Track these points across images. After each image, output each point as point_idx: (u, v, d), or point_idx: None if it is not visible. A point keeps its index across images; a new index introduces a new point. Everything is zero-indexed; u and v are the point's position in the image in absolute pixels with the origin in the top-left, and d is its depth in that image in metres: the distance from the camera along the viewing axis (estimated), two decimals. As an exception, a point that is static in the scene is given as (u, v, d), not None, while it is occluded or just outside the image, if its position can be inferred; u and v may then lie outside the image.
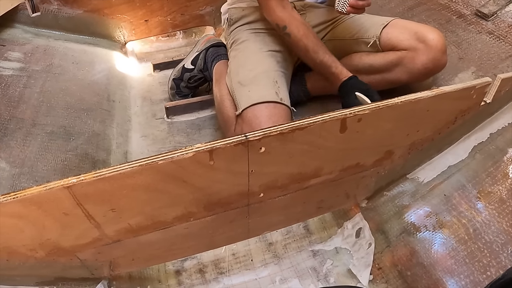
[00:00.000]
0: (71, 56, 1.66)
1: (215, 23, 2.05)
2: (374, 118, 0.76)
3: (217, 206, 0.80)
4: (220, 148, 0.66)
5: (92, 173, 0.62)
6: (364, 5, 1.11)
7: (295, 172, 0.81)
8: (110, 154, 1.34)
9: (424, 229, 0.98)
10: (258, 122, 1.09)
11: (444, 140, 0.98)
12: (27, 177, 1.10)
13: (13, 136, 1.19)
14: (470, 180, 0.98)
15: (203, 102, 1.58)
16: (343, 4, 1.10)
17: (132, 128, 1.54)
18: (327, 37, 1.36)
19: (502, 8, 1.33)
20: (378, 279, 1.00)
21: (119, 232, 0.76)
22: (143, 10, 1.91)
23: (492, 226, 0.89)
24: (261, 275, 1.07)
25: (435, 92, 0.78)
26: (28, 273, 0.79)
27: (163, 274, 1.07)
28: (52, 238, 0.70)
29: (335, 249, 1.10)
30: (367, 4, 1.11)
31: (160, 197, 0.71)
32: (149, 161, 0.63)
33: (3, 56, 1.48)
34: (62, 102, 1.40)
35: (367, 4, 1.11)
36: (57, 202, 0.63)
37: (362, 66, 1.28)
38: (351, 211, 1.13)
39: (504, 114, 1.00)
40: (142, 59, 1.95)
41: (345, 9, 1.11)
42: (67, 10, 1.77)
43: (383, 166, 0.94)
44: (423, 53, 1.16)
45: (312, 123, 0.70)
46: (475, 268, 0.86)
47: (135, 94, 1.72)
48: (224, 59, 1.45)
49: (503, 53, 1.22)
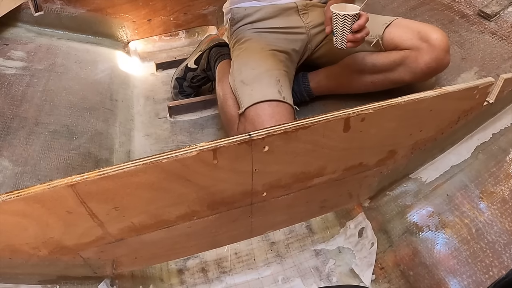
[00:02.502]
0: (74, 55, 1.66)
1: (218, 22, 2.05)
2: (377, 117, 0.75)
3: (220, 205, 0.80)
4: (224, 147, 0.66)
5: (96, 171, 0.62)
6: (363, 37, 1.10)
7: (299, 172, 0.81)
8: (113, 153, 1.34)
9: (426, 229, 0.97)
10: (261, 120, 1.09)
11: (447, 140, 0.98)
12: (30, 175, 1.10)
13: (16, 135, 1.19)
14: (473, 180, 0.97)
15: (206, 101, 1.58)
16: (341, 41, 1.10)
17: (135, 127, 1.54)
18: (329, 37, 1.36)
19: (505, 8, 1.33)
20: (380, 279, 1.00)
21: (122, 231, 0.76)
22: (146, 9, 1.92)
23: (494, 226, 0.88)
24: (263, 274, 1.07)
25: (438, 92, 0.78)
26: (31, 271, 0.79)
27: (165, 273, 1.07)
28: (55, 236, 0.70)
29: (338, 248, 1.10)
30: (365, 34, 1.10)
31: (163, 196, 0.71)
32: (153, 159, 0.63)
33: (6, 55, 1.48)
34: (65, 101, 1.40)
35: (365, 34, 1.10)
36: (60, 200, 0.63)
37: (365, 65, 1.28)
38: (353, 211, 1.13)
39: (506, 114, 1.00)
40: (145, 58, 1.95)
41: (344, 46, 1.11)
42: (70, 9, 1.78)
43: (386, 165, 0.94)
44: (426, 53, 1.15)
45: (315, 122, 0.70)
46: (478, 268, 0.86)
47: (138, 93, 1.72)
48: (227, 59, 1.45)
49: (505, 53, 1.22)
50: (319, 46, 1.38)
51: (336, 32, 1.09)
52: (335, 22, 1.07)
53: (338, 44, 1.11)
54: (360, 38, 1.09)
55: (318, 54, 1.40)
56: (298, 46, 1.34)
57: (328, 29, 1.12)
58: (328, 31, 1.13)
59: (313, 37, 1.36)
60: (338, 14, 1.05)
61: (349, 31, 1.08)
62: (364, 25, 1.09)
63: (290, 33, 1.33)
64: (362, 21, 1.07)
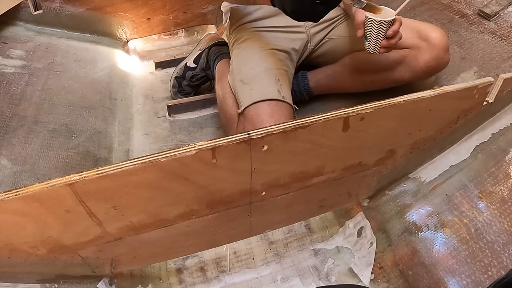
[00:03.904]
0: (73, 54, 1.66)
1: (217, 21, 2.05)
2: (376, 117, 0.75)
3: (219, 204, 0.80)
4: (222, 146, 0.66)
5: (94, 170, 0.62)
6: (396, 42, 1.06)
7: (298, 171, 0.81)
8: (112, 152, 1.34)
9: (425, 228, 0.97)
10: (260, 120, 1.09)
11: (446, 139, 0.98)
12: (28, 174, 1.10)
13: (15, 134, 1.19)
14: (472, 180, 0.97)
15: (205, 100, 1.58)
16: (375, 47, 1.05)
17: (134, 126, 1.54)
18: (329, 36, 1.36)
19: (505, 8, 1.33)
20: (379, 278, 1.00)
21: (121, 230, 0.76)
22: (145, 8, 1.91)
23: (493, 226, 0.88)
24: (262, 273, 1.07)
25: (437, 92, 0.78)
26: (29, 270, 0.79)
27: (164, 272, 1.07)
28: (53, 235, 0.70)
29: (337, 248, 1.10)
30: (399, 39, 1.06)
31: (162, 195, 0.71)
32: (151, 158, 0.63)
33: (5, 54, 1.48)
34: (64, 100, 1.40)
35: (399, 39, 1.06)
36: (59, 199, 0.63)
37: (365, 65, 1.28)
38: (352, 210, 1.13)
39: (506, 114, 1.00)
40: (144, 57, 1.95)
41: (377, 51, 1.06)
42: (69, 8, 1.77)
43: (385, 165, 0.94)
44: (426, 51, 1.16)
45: (314, 121, 0.70)
46: (477, 268, 0.86)
47: (137, 92, 1.72)
48: (226, 58, 1.45)
49: (505, 53, 1.22)
50: (318, 45, 1.38)
51: (370, 38, 1.04)
52: (370, 28, 1.02)
53: (370, 49, 1.07)
54: (394, 43, 1.06)
55: (317, 53, 1.40)
56: (297, 45, 1.34)
57: (360, 33, 1.06)
58: (360, 35, 1.07)
59: (312, 36, 1.36)
60: (374, 20, 1.00)
61: (383, 37, 1.03)
62: (398, 30, 1.04)
63: (289, 32, 1.33)
64: (397, 26, 1.03)
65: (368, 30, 1.03)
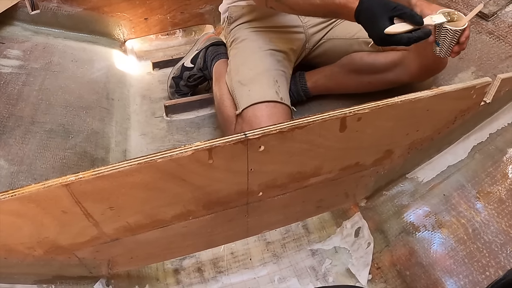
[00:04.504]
0: (70, 54, 1.66)
1: (215, 21, 2.04)
2: (374, 117, 0.75)
3: (216, 205, 0.79)
4: (219, 146, 0.65)
5: (90, 171, 0.61)
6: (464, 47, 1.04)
7: (295, 171, 0.80)
8: (109, 152, 1.34)
9: (423, 229, 0.97)
10: (258, 121, 1.09)
11: (444, 140, 0.98)
12: (25, 175, 1.10)
13: (11, 134, 1.19)
14: (470, 180, 0.97)
15: (203, 100, 1.58)
16: (446, 52, 1.04)
17: (131, 126, 1.54)
18: (327, 36, 1.36)
19: (502, 8, 1.32)
20: (377, 279, 1.00)
21: (118, 231, 0.75)
22: (142, 8, 1.91)
23: (491, 226, 0.88)
24: (259, 274, 1.07)
25: (435, 92, 0.78)
26: (26, 271, 0.79)
27: (161, 272, 1.07)
28: (50, 236, 0.70)
29: (334, 248, 1.10)
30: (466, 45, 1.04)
31: (159, 196, 0.71)
32: (148, 159, 0.63)
33: (2, 54, 1.47)
34: (61, 100, 1.39)
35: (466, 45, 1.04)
36: (55, 200, 0.63)
37: (363, 66, 1.28)
38: (350, 211, 1.13)
39: (503, 114, 1.00)
40: (141, 57, 1.95)
41: (448, 55, 1.05)
42: (67, 8, 1.77)
43: (382, 165, 0.94)
44: (423, 53, 1.15)
45: (311, 122, 0.70)
46: (474, 268, 0.86)
47: (134, 92, 1.72)
48: (224, 58, 1.45)
49: (503, 53, 1.22)
50: (316, 46, 1.38)
51: (443, 44, 1.04)
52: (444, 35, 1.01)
53: (442, 53, 1.06)
54: (465, 47, 1.04)
55: (315, 54, 1.40)
56: (295, 45, 1.34)
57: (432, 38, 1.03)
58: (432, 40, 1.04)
59: (311, 37, 1.35)
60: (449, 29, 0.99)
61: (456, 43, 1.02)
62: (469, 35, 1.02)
63: (288, 32, 1.32)
64: (468, 32, 1.00)
65: (442, 37, 1.03)
